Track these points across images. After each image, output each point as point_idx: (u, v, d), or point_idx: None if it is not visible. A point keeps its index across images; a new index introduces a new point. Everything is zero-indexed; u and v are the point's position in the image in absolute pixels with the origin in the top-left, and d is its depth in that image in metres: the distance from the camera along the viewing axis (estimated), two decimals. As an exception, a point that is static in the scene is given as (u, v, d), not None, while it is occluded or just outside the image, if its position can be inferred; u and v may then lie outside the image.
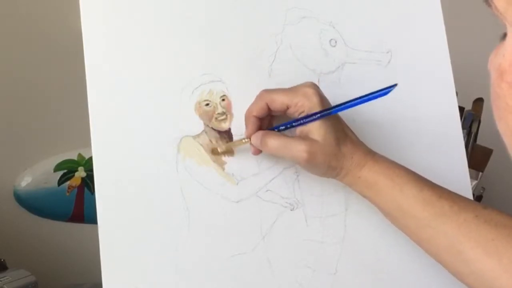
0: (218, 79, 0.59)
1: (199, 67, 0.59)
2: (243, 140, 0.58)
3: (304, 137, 0.55)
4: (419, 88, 0.66)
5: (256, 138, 0.56)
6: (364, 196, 0.56)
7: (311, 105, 0.54)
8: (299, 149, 0.54)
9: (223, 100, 0.59)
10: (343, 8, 0.65)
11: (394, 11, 0.67)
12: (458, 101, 0.68)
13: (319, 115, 0.54)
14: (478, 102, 1.08)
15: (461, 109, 0.97)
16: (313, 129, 0.54)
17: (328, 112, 0.54)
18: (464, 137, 0.86)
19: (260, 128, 0.57)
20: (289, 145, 0.54)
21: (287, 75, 0.61)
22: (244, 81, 0.60)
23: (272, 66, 0.61)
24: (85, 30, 0.56)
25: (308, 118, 0.54)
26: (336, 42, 0.64)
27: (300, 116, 0.55)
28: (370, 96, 0.53)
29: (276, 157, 0.58)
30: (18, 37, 0.97)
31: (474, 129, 1.07)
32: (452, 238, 0.50)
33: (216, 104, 0.59)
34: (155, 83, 0.58)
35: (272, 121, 0.59)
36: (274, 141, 0.55)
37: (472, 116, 1.06)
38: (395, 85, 0.52)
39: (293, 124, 0.55)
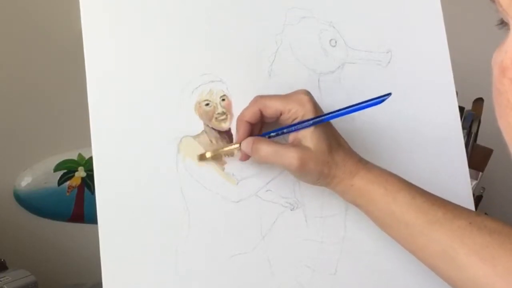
0: (218, 79, 0.59)
1: (199, 67, 0.59)
2: (233, 145, 0.57)
3: (296, 144, 0.54)
4: (419, 88, 0.66)
5: (246, 144, 0.56)
6: (356, 205, 0.56)
7: (304, 112, 0.54)
8: (290, 156, 0.53)
9: (223, 100, 0.59)
10: (343, 8, 0.65)
11: (394, 11, 0.67)
12: (458, 101, 0.68)
13: (311, 122, 0.54)
14: (478, 102, 1.08)
15: (461, 109, 0.97)
16: (305, 137, 0.54)
17: (321, 119, 0.54)
18: (464, 137, 0.86)
19: (251, 134, 0.57)
20: (280, 152, 0.54)
21: (287, 75, 0.61)
22: (244, 81, 0.60)
23: (272, 66, 0.61)
24: (85, 30, 0.56)
25: (300, 124, 0.54)
26: (336, 42, 0.64)
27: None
28: (363, 105, 0.53)
29: (267, 164, 0.58)
30: (18, 37, 0.97)
31: (474, 129, 1.07)
32: (445, 245, 0.50)
33: (216, 104, 0.59)
34: (155, 83, 0.58)
35: (263, 128, 0.59)
36: (265, 148, 0.54)
37: (472, 116, 1.06)
38: (389, 94, 0.52)
39: (284, 130, 0.55)
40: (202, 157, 0.58)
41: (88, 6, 0.57)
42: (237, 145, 0.57)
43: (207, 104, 0.59)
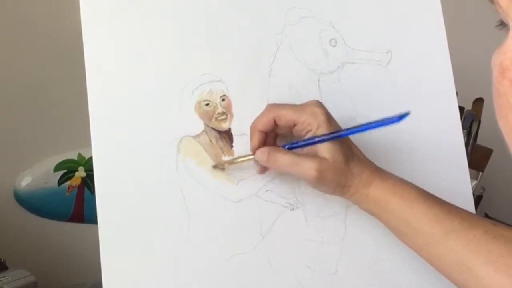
0: (218, 79, 0.59)
1: (199, 67, 0.59)
2: (248, 157, 0.57)
3: (313, 155, 0.54)
4: (419, 88, 0.66)
5: (262, 153, 0.55)
6: (372, 214, 0.56)
7: (318, 124, 0.54)
8: (308, 166, 0.53)
9: (223, 100, 0.59)
10: (343, 8, 0.65)
11: (394, 11, 0.67)
12: (458, 101, 0.68)
13: (327, 138, 0.53)
14: (478, 102, 1.09)
15: (461, 109, 0.98)
16: (321, 147, 0.54)
17: (338, 135, 0.53)
18: (464, 137, 0.86)
19: (265, 143, 0.56)
20: (298, 162, 0.54)
21: (287, 75, 0.61)
22: (244, 81, 0.60)
23: (272, 66, 0.61)
24: (85, 30, 0.56)
25: (316, 139, 0.53)
26: (336, 42, 0.64)
27: (307, 135, 0.54)
28: (381, 123, 0.51)
29: (283, 173, 0.58)
30: (18, 37, 0.97)
31: (474, 129, 1.07)
32: (461, 255, 0.49)
33: (216, 104, 0.59)
34: (155, 83, 0.58)
35: (276, 137, 0.58)
36: (283, 158, 0.54)
37: (472, 116, 1.06)
38: (408, 113, 0.49)
39: (301, 144, 0.55)
40: (216, 168, 0.58)
41: (88, 6, 0.57)
42: (252, 156, 0.57)
43: (207, 104, 0.59)
